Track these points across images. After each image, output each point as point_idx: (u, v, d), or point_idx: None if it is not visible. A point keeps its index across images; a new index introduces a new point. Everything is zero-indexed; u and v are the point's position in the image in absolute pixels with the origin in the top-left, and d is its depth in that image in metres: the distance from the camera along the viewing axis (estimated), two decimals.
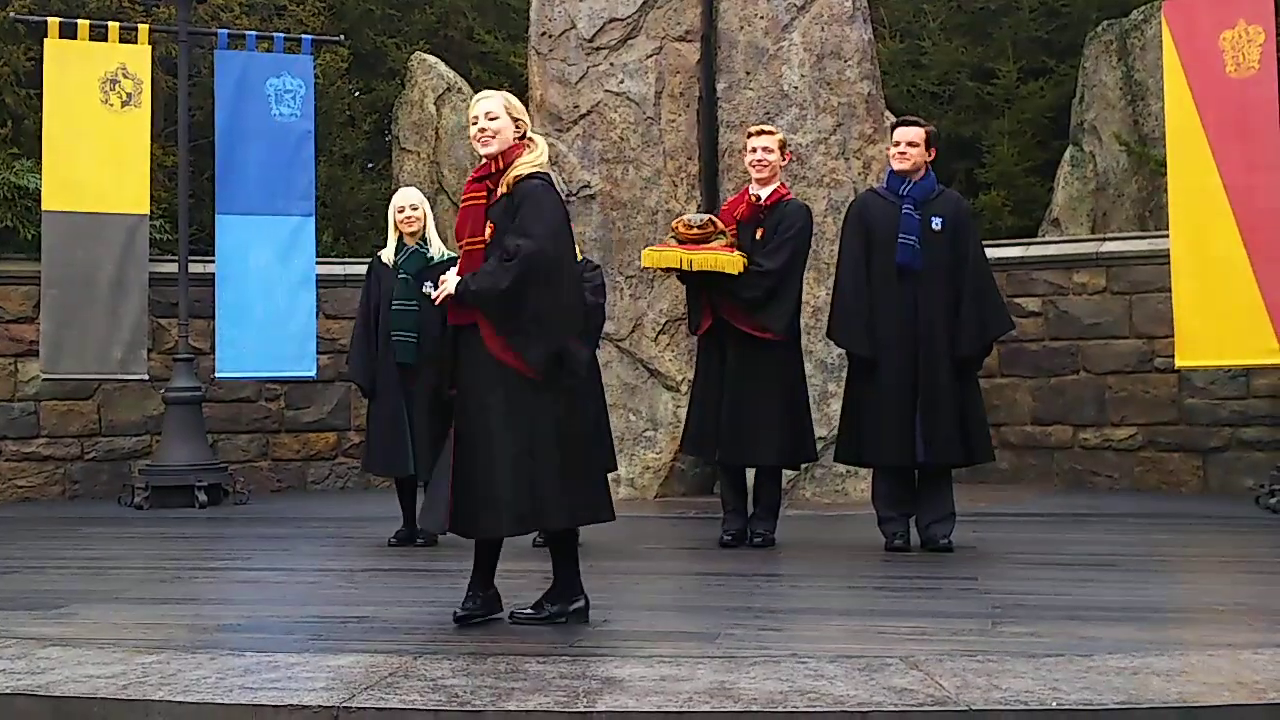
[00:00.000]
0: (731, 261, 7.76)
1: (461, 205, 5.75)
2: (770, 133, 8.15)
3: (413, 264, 8.35)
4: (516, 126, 5.67)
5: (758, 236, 7.90)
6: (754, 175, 8.09)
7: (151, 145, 11.62)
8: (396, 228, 8.46)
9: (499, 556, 5.70)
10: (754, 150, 8.05)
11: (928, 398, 7.53)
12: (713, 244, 7.84)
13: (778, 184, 8.08)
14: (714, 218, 8.03)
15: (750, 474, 8.17)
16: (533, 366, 5.38)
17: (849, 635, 5.34)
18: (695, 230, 7.87)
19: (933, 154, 7.80)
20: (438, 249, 8.44)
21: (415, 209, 8.46)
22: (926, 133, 7.80)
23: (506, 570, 5.91)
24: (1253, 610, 5.83)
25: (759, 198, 8.00)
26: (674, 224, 8.11)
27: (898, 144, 7.81)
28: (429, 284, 8.23)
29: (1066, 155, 13.76)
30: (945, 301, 7.59)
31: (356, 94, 16.25)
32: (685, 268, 7.84)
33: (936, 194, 7.77)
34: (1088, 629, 5.32)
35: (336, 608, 6.16)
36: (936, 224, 7.65)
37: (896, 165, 7.81)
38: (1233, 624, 5.51)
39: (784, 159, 8.18)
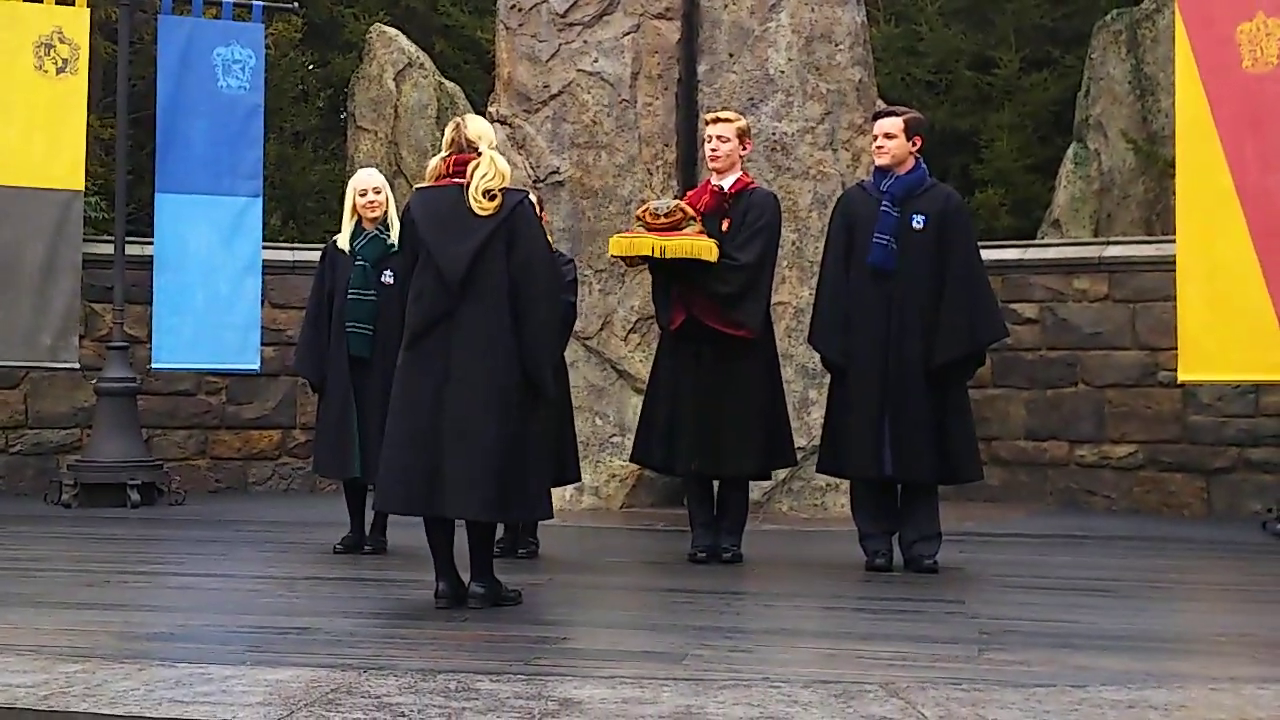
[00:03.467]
0: (708, 247, 7.70)
1: None
2: (727, 120, 8.08)
3: (372, 250, 8.29)
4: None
5: (724, 228, 7.85)
6: (709, 165, 8.10)
7: (88, 116, 11.56)
8: (355, 212, 8.38)
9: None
10: (709, 139, 8.04)
11: (896, 409, 7.52)
12: (686, 230, 7.80)
13: (739, 173, 8.06)
14: (682, 204, 7.97)
15: (715, 484, 8.16)
16: None
17: (825, 659, 5.33)
18: (663, 219, 7.80)
19: (916, 143, 7.73)
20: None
21: (379, 193, 8.39)
22: (905, 122, 7.72)
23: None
24: (1258, 642, 5.86)
25: (721, 188, 7.98)
26: (640, 212, 8.04)
27: (875, 137, 7.81)
28: (389, 272, 8.21)
29: (1069, 152, 13.81)
30: (924, 306, 7.53)
31: (310, 67, 16.23)
32: (658, 255, 7.74)
33: (923, 189, 7.70)
34: (1081, 658, 5.32)
35: (276, 618, 6.13)
36: (918, 222, 7.59)
37: (876, 160, 7.81)
38: (1236, 656, 5.52)
39: (744, 148, 8.13)
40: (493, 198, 6.12)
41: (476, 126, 6.36)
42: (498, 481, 6.07)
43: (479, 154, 6.21)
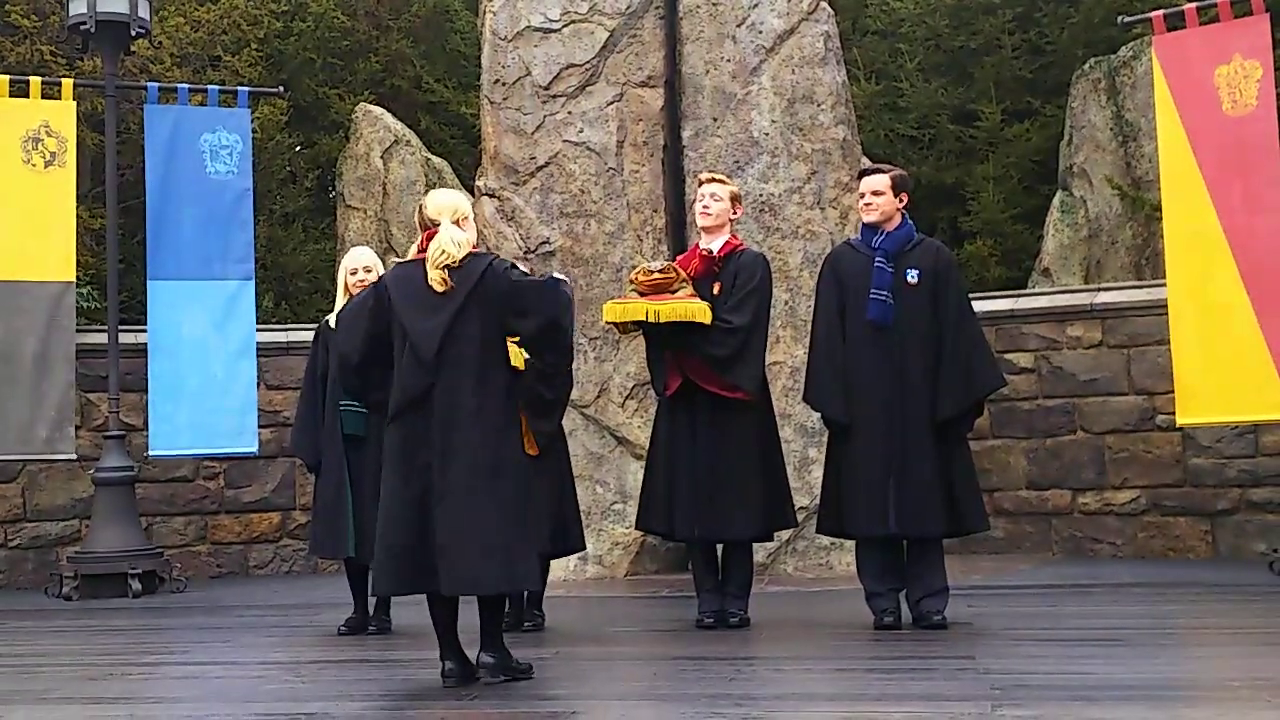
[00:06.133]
0: (702, 310, 7.69)
1: None
2: (721, 181, 8.14)
3: None
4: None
5: (715, 292, 7.86)
6: (700, 223, 8.09)
7: (77, 207, 11.59)
8: (347, 290, 8.39)
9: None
10: (701, 197, 8.06)
11: (901, 464, 7.49)
12: (678, 293, 7.79)
13: (728, 235, 8.06)
14: (675, 265, 7.98)
15: (719, 547, 8.10)
16: None
17: None
18: (656, 276, 7.78)
19: (903, 200, 7.75)
20: None
21: (369, 271, 8.39)
22: (892, 179, 7.75)
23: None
24: (1271, 685, 5.80)
25: (711, 251, 7.98)
26: (632, 275, 8.06)
27: (862, 195, 7.81)
28: None
29: (1056, 201, 13.85)
30: (925, 359, 7.54)
31: (297, 148, 16.28)
32: (651, 319, 7.74)
33: (913, 244, 7.72)
34: (1095, 710, 5.28)
35: (283, 704, 6.07)
36: (912, 276, 7.61)
37: (864, 217, 7.81)
38: (1250, 701, 5.46)
39: (735, 211, 8.14)
40: (445, 271, 6.15)
41: (436, 203, 6.37)
42: (490, 554, 6.02)
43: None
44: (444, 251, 6.16)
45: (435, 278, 6.16)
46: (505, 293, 6.21)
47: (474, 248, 6.31)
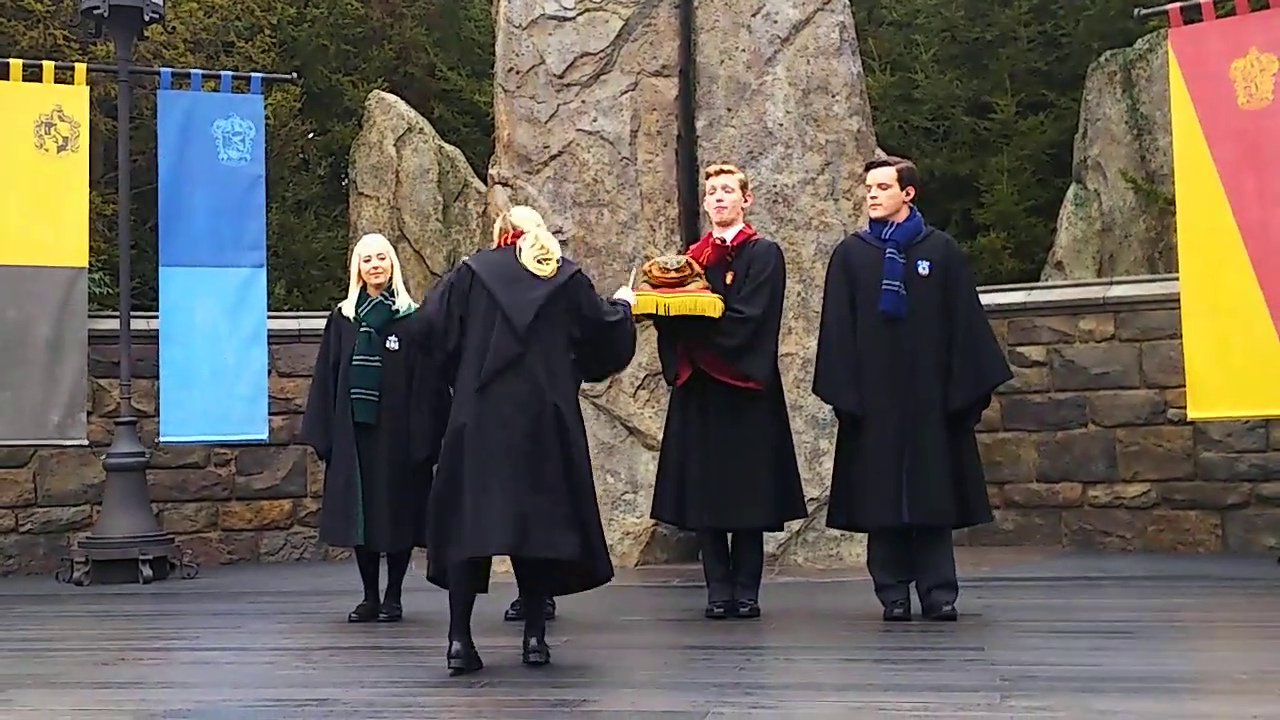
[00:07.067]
0: (712, 303, 7.72)
1: None
2: (729, 171, 8.14)
3: (376, 317, 8.30)
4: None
5: (728, 281, 7.87)
6: (714, 218, 8.10)
7: (90, 193, 11.62)
8: (360, 278, 8.41)
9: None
10: (713, 190, 8.07)
11: (914, 454, 7.52)
12: (689, 286, 7.81)
13: (741, 224, 8.08)
14: (691, 260, 8.01)
15: (730, 537, 8.13)
16: None
17: (847, 712, 5.31)
18: (672, 274, 7.80)
19: (910, 192, 7.77)
20: (404, 301, 8.37)
21: (382, 259, 8.42)
22: (898, 171, 7.77)
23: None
24: (1278, 679, 5.83)
25: (723, 240, 8.00)
26: (646, 266, 8.04)
27: (869, 189, 7.84)
28: (394, 338, 8.23)
29: (1069, 194, 13.85)
30: (936, 350, 7.58)
31: (310, 136, 16.33)
32: (662, 313, 7.77)
33: (923, 236, 7.75)
34: (1103, 702, 5.31)
35: (294, 690, 6.11)
36: (923, 268, 7.64)
37: (870, 212, 7.84)
38: (1260, 694, 5.50)
39: (745, 200, 8.17)
40: (546, 262, 6.59)
41: (520, 212, 6.90)
42: (571, 524, 6.31)
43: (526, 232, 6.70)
44: (543, 246, 6.62)
45: (536, 266, 6.56)
46: (586, 297, 6.69)
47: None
